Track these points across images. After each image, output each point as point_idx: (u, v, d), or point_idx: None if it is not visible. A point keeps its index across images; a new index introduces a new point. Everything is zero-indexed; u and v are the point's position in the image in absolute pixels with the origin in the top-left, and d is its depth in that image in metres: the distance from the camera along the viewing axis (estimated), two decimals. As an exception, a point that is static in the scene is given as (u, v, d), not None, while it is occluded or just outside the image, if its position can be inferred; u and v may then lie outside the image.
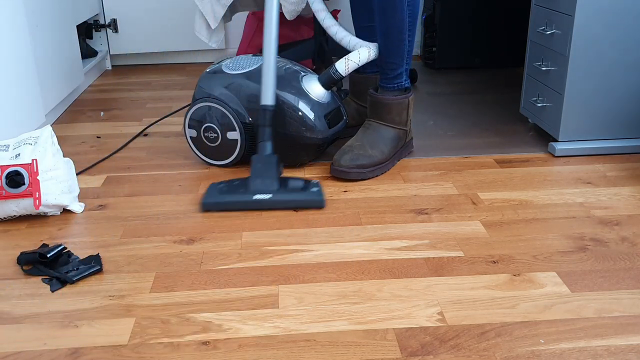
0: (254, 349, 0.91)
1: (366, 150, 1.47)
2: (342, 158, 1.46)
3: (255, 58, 1.56)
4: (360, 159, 1.46)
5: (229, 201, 1.33)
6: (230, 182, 1.39)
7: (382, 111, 1.51)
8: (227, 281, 1.08)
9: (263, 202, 1.32)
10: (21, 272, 1.12)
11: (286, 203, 1.33)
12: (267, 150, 1.38)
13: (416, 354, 0.89)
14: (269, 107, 1.40)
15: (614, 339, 0.91)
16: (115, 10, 2.62)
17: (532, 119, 1.76)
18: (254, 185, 1.35)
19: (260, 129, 1.40)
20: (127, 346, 0.92)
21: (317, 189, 1.36)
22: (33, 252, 1.13)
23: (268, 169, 1.36)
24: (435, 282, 1.06)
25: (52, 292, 1.05)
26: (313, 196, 1.34)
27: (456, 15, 2.41)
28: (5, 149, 1.31)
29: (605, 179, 1.46)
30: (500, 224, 1.26)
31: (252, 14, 2.48)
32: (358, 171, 1.46)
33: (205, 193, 1.36)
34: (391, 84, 1.50)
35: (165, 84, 2.43)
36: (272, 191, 1.34)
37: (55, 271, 1.10)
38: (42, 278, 1.10)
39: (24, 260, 1.13)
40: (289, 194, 1.34)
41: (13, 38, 1.64)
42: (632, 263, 1.11)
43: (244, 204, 1.33)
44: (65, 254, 1.15)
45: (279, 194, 1.33)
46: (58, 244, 1.15)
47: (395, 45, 1.46)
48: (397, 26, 1.44)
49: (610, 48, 1.51)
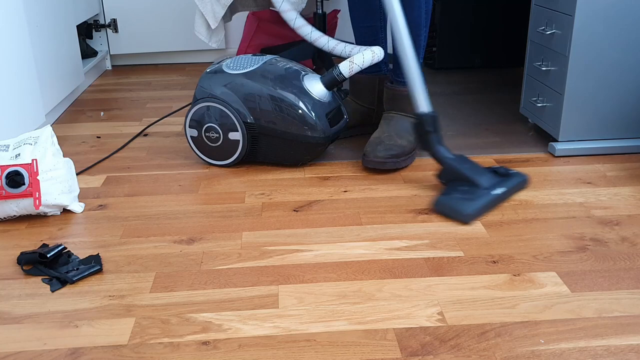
0: (254, 349, 0.91)
1: (395, 140, 1.51)
2: (376, 149, 1.50)
3: (256, 58, 1.56)
4: (393, 149, 1.50)
5: (483, 206, 1.29)
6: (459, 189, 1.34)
7: (402, 102, 1.55)
8: (227, 281, 1.08)
9: (504, 195, 1.33)
10: (21, 272, 1.12)
11: (514, 191, 1.36)
12: (448, 152, 1.38)
13: (416, 354, 0.89)
14: (431, 114, 1.38)
15: (614, 339, 0.91)
16: (115, 10, 2.62)
17: (532, 119, 1.76)
18: (485, 182, 1.33)
19: (433, 136, 1.37)
20: (127, 346, 0.92)
21: (514, 171, 1.39)
22: (33, 252, 1.13)
23: (475, 165, 1.37)
24: (435, 282, 1.06)
25: (52, 292, 1.05)
26: (521, 177, 1.38)
27: (456, 15, 2.41)
28: (5, 149, 1.31)
29: (605, 179, 1.46)
30: (500, 223, 1.26)
31: (252, 14, 2.48)
32: (393, 161, 1.49)
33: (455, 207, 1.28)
34: None
35: (165, 84, 2.43)
36: (500, 184, 1.34)
37: (55, 271, 1.10)
38: (42, 278, 1.10)
39: (24, 260, 1.13)
40: (510, 181, 1.35)
41: (13, 38, 1.64)
42: (632, 263, 1.11)
43: (493, 204, 1.31)
44: (65, 254, 1.15)
45: (504, 184, 1.34)
46: (58, 244, 1.15)
47: (413, 40, 1.48)
48: (415, 21, 1.49)
49: (610, 48, 1.51)
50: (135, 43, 2.68)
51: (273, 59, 1.56)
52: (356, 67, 1.49)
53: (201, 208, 1.36)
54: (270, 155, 1.54)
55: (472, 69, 2.48)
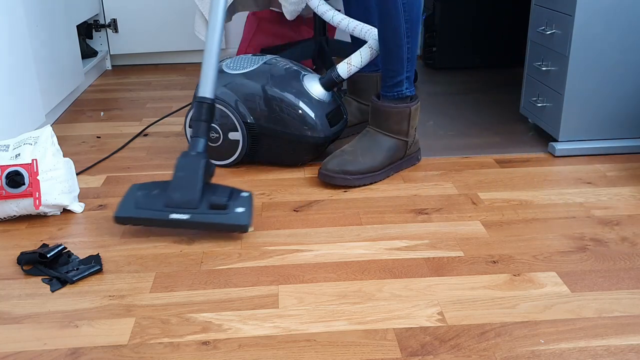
0: (254, 349, 0.91)
1: (356, 156, 1.43)
2: (329, 162, 1.43)
3: (256, 58, 1.56)
4: (347, 165, 1.42)
5: (143, 218, 1.19)
6: (150, 190, 1.23)
7: (380, 119, 1.47)
8: (227, 281, 1.08)
9: (179, 222, 1.18)
10: (21, 272, 1.12)
11: (206, 226, 1.18)
12: (199, 147, 1.23)
13: (416, 354, 0.89)
14: (206, 100, 1.26)
15: (614, 339, 0.91)
16: (115, 10, 2.62)
17: (532, 119, 1.76)
18: (172, 199, 1.19)
19: (195, 123, 1.26)
20: (127, 346, 0.92)
21: (243, 210, 1.19)
22: (33, 252, 1.13)
23: (192, 177, 1.20)
24: (435, 282, 1.06)
25: (52, 292, 1.05)
26: (236, 220, 1.18)
27: (456, 15, 2.41)
28: (5, 149, 1.31)
29: (606, 179, 1.46)
30: (500, 224, 1.26)
31: (252, 14, 2.48)
32: (343, 177, 1.41)
33: (122, 200, 1.21)
34: (390, 92, 1.45)
35: (165, 84, 2.43)
36: (191, 210, 1.18)
37: (55, 271, 1.10)
38: (42, 278, 1.10)
39: (24, 260, 1.13)
40: (210, 215, 1.18)
41: (13, 38, 1.64)
42: (632, 263, 1.11)
43: (159, 223, 1.19)
44: (65, 254, 1.15)
45: (198, 214, 1.18)
46: (58, 244, 1.15)
47: (394, 52, 1.41)
48: (393, 32, 1.39)
49: (610, 48, 1.51)
50: (135, 43, 2.68)
51: (273, 59, 1.56)
52: (354, 69, 1.48)
53: (201, 208, 1.35)
54: (270, 156, 1.54)
55: (472, 69, 2.48)
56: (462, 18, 2.42)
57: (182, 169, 1.22)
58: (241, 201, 1.21)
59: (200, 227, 1.19)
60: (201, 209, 1.19)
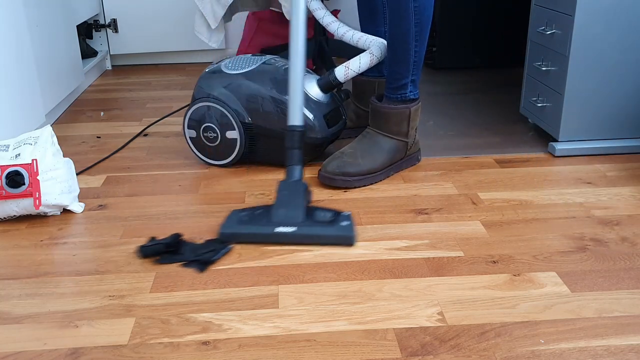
0: (254, 349, 0.91)
1: (356, 158, 1.43)
2: (329, 164, 1.43)
3: (255, 58, 1.56)
4: (347, 167, 1.42)
5: (249, 233, 1.21)
6: (253, 211, 1.27)
7: (380, 120, 1.47)
8: (227, 281, 1.08)
9: (286, 235, 1.20)
10: (21, 272, 1.12)
11: (311, 238, 1.20)
12: (296, 175, 1.28)
13: (416, 354, 0.89)
14: (297, 128, 1.31)
15: (614, 339, 0.91)
16: (115, 10, 2.62)
17: (532, 119, 1.76)
18: (277, 216, 1.22)
19: (289, 151, 1.30)
20: (127, 346, 0.92)
21: (348, 223, 1.21)
22: (156, 244, 1.16)
23: (295, 197, 1.24)
24: (436, 282, 1.06)
25: (202, 272, 1.10)
26: (342, 232, 1.20)
27: (456, 15, 2.41)
28: (5, 149, 1.31)
29: (606, 179, 1.46)
30: (500, 224, 1.26)
31: (252, 14, 2.48)
32: (343, 179, 1.42)
33: (225, 220, 1.24)
34: (395, 95, 1.45)
35: (165, 84, 2.43)
36: (296, 224, 1.21)
37: (188, 256, 1.14)
38: (181, 264, 1.13)
39: (150, 253, 1.15)
40: (315, 227, 1.21)
41: (13, 38, 1.64)
42: (632, 263, 1.11)
43: (264, 237, 1.21)
44: (182, 240, 1.20)
45: (304, 227, 1.20)
46: (175, 233, 1.20)
47: (401, 54, 1.41)
48: (402, 35, 1.39)
49: (610, 48, 1.51)
50: (135, 43, 2.68)
51: (272, 59, 1.56)
52: (351, 73, 1.48)
53: (201, 208, 1.35)
54: (269, 156, 1.54)
55: (472, 69, 2.48)
56: (462, 18, 2.42)
57: (285, 188, 1.26)
58: (344, 217, 1.24)
59: (306, 239, 1.20)
60: (306, 223, 1.21)
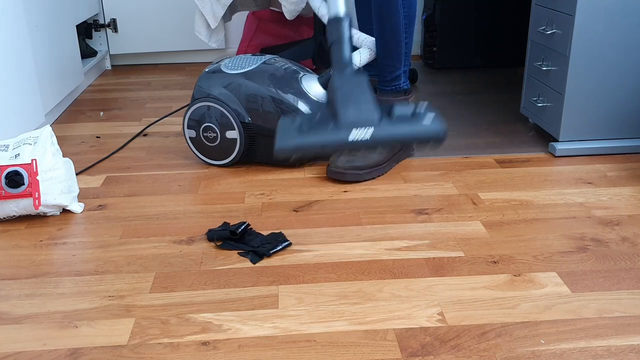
0: (254, 349, 0.90)
1: (363, 151, 1.47)
2: (338, 159, 1.45)
3: (255, 58, 1.56)
4: (356, 161, 1.45)
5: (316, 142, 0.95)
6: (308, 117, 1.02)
7: None
8: (227, 281, 1.08)
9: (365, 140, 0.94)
10: (21, 272, 1.12)
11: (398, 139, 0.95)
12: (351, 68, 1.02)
13: (416, 354, 0.88)
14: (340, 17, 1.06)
15: (615, 339, 0.91)
16: (115, 10, 2.62)
17: (532, 119, 1.76)
18: (348, 116, 0.95)
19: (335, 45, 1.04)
20: (127, 346, 0.92)
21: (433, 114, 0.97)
22: (223, 230, 1.19)
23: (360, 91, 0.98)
24: (436, 282, 1.06)
25: (254, 264, 1.11)
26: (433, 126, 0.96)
27: (456, 15, 2.41)
28: (5, 149, 1.31)
29: (606, 179, 1.45)
30: (500, 224, 1.26)
31: (252, 14, 2.48)
32: (354, 172, 1.44)
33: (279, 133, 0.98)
34: (389, 87, 1.50)
35: (165, 84, 2.43)
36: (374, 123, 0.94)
37: (247, 246, 1.15)
38: (239, 252, 1.14)
39: (215, 237, 1.17)
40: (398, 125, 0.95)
41: (13, 38, 1.64)
42: (632, 263, 1.11)
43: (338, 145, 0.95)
44: (250, 230, 1.21)
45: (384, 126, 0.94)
46: (242, 222, 1.21)
47: (393, 48, 1.45)
48: (393, 29, 1.43)
49: (611, 48, 1.51)
50: (135, 43, 2.68)
51: (271, 59, 1.56)
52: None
53: (201, 208, 1.35)
54: (269, 156, 1.53)
55: (472, 69, 2.48)
56: (463, 18, 2.42)
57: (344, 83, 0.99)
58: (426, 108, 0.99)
59: (388, 142, 0.97)
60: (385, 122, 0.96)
